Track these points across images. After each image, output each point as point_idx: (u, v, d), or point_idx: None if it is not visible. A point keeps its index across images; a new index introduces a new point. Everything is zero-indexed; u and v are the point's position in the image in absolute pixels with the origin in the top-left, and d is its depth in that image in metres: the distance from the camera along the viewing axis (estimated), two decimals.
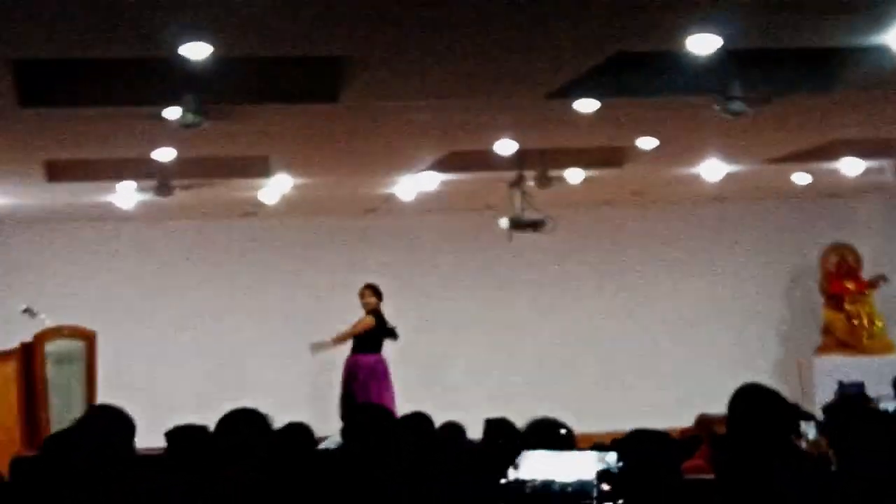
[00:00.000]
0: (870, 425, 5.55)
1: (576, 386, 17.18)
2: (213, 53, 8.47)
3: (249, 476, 5.70)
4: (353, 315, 15.10)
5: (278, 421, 6.80)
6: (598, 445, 6.60)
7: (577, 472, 5.36)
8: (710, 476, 6.46)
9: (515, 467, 5.41)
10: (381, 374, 14.70)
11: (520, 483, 5.24)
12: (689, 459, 8.14)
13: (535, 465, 5.42)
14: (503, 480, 5.21)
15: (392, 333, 14.78)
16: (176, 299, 17.34)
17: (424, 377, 16.84)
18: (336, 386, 14.90)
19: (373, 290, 14.95)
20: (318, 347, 14.82)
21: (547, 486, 5.23)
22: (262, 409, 6.98)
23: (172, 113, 9.92)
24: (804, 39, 9.20)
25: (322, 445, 7.49)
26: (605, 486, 5.40)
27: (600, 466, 5.44)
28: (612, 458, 5.50)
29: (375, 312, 14.90)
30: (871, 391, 13.38)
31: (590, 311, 17.97)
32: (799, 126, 12.39)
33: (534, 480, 5.30)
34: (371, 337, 14.82)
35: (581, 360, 17.74)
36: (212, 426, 6.71)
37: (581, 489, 5.27)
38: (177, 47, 8.30)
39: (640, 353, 17.86)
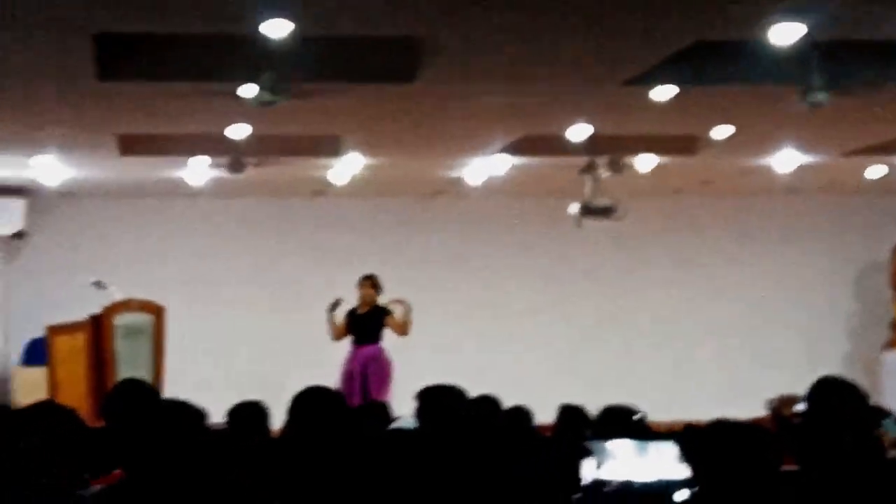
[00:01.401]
0: None
1: (645, 375, 17.11)
2: (294, 31, 8.48)
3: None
4: (415, 296, 14.95)
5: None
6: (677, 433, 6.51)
7: (656, 470, 5.21)
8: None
9: (595, 461, 5.27)
10: (378, 366, 14.45)
11: (599, 483, 5.11)
12: None
13: (614, 460, 5.26)
14: (583, 480, 5.10)
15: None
16: (244, 276, 17.41)
17: (491, 362, 16.83)
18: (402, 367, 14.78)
19: (371, 282, 14.70)
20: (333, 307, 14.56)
21: (627, 486, 5.10)
22: (331, 384, 6.99)
23: (248, 91, 9.94)
24: (887, 31, 9.10)
25: (395, 424, 7.49)
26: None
27: (680, 461, 5.26)
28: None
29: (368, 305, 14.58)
30: None
31: (658, 300, 17.88)
32: (876, 119, 12.25)
33: (611, 482, 5.17)
34: (356, 330, 14.51)
35: (649, 350, 17.66)
36: (278, 404, 6.71)
37: (662, 489, 5.12)
38: (258, 24, 8.32)
39: (708, 345, 17.75)
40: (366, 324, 14.46)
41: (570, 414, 7.70)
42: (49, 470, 4.66)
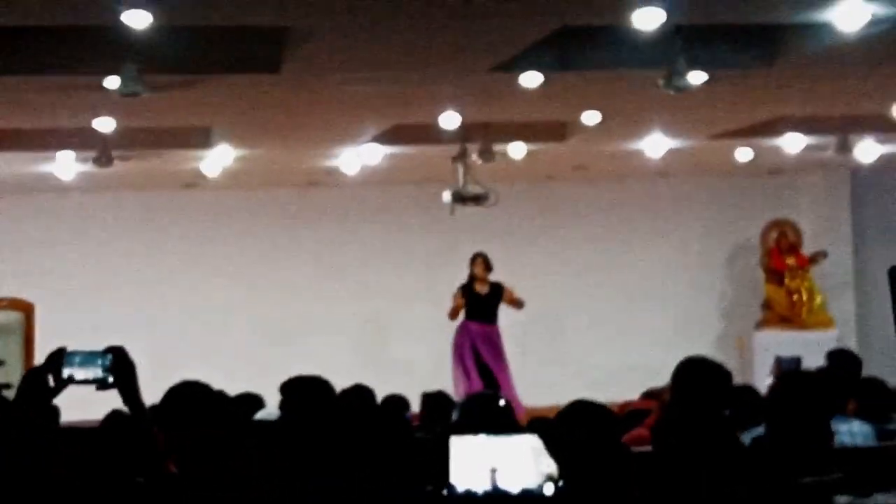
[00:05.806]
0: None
1: (518, 361, 17.17)
2: (155, 22, 8.38)
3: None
4: (295, 287, 15.01)
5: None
6: (536, 421, 6.53)
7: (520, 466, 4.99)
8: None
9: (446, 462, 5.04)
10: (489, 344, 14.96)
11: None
12: (632, 430, 8.10)
13: (469, 461, 5.00)
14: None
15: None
16: (117, 271, 17.19)
17: (368, 350, 16.82)
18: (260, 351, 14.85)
19: (484, 260, 15.08)
20: None
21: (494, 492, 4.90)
22: (208, 379, 6.92)
23: (113, 82, 9.82)
24: (747, 15, 9.22)
25: (259, 415, 7.44)
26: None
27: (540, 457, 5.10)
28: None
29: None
30: (810, 365, 13.43)
31: (531, 285, 17.92)
32: (742, 102, 12.41)
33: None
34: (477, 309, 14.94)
35: (522, 334, 17.72)
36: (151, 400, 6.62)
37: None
38: (118, 15, 8.21)
39: (580, 328, 17.90)
40: (487, 302, 14.98)
41: (434, 401, 7.70)
42: None
